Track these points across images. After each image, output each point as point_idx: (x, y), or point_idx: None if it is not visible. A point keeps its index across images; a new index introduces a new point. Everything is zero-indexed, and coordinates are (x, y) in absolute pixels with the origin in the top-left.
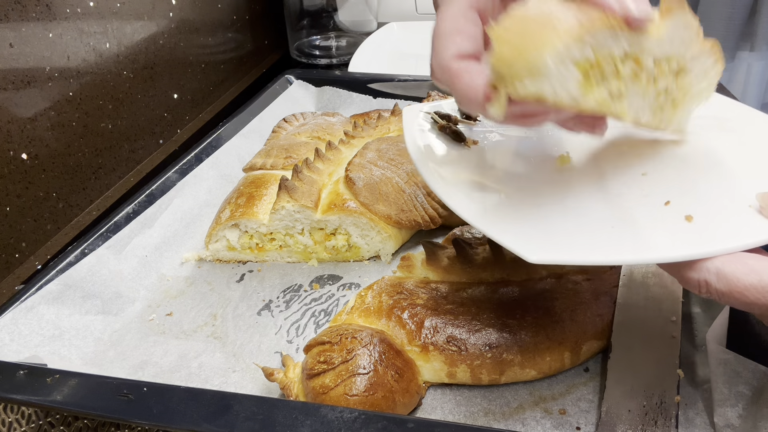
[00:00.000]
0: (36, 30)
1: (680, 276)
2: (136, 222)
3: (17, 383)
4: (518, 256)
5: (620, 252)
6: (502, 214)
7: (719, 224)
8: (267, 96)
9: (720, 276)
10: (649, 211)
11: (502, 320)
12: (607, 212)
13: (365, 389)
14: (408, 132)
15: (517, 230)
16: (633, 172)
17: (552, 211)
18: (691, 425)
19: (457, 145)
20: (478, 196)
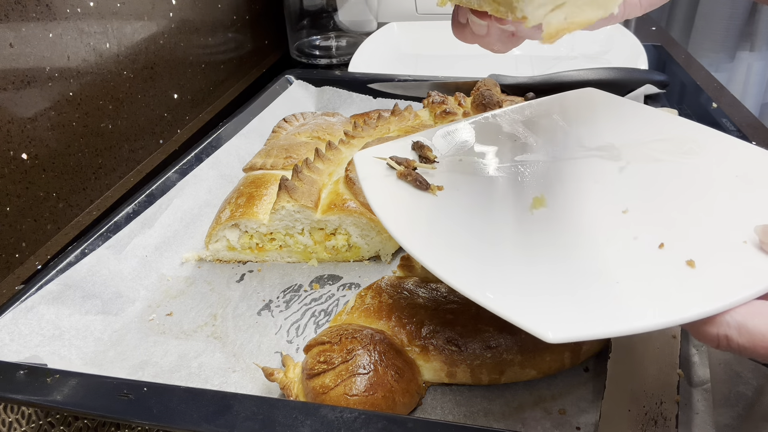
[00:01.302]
0: (36, 30)
1: (696, 330)
2: (136, 222)
3: (17, 383)
4: (533, 334)
5: (641, 317)
6: (498, 280)
7: (724, 268)
8: (267, 96)
9: (742, 330)
10: (646, 258)
11: (502, 320)
12: (605, 266)
13: (365, 389)
14: (365, 184)
15: (521, 301)
16: (613, 210)
17: (550, 271)
18: (691, 425)
19: (421, 193)
20: (465, 261)
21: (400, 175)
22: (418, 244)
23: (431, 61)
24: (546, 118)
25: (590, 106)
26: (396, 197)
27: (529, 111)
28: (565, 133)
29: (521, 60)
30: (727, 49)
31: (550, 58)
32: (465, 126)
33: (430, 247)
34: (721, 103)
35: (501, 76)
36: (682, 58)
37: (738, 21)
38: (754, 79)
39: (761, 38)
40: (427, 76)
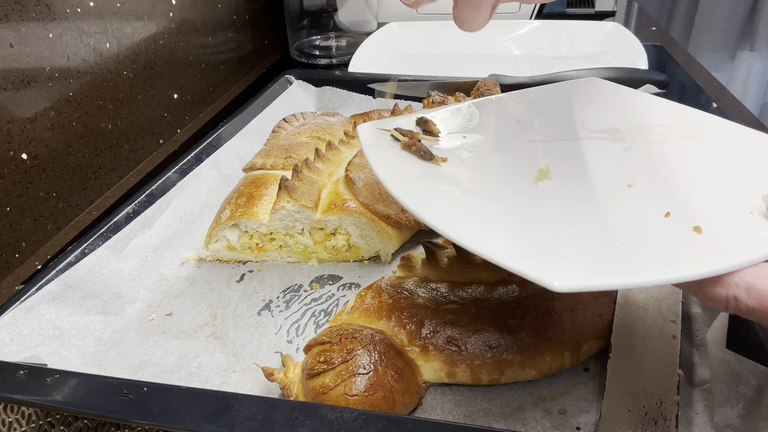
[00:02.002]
0: (36, 30)
1: (704, 293)
2: (136, 222)
3: (17, 383)
4: (540, 284)
5: (644, 272)
6: (504, 238)
7: (732, 234)
8: (267, 96)
9: (751, 291)
10: (653, 224)
11: (502, 320)
12: (611, 230)
13: (365, 389)
14: (369, 153)
15: (527, 256)
16: (618, 184)
17: (553, 232)
18: (691, 425)
19: (425, 163)
20: (470, 220)
21: (404, 146)
22: (422, 205)
23: (431, 61)
24: (550, 102)
25: (594, 93)
26: (400, 166)
27: (533, 95)
28: (569, 116)
29: (521, 60)
30: (727, 49)
31: (550, 58)
32: (469, 106)
33: (435, 208)
34: (721, 103)
35: (501, 76)
36: (682, 58)
37: (738, 21)
38: (754, 79)
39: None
40: (427, 76)
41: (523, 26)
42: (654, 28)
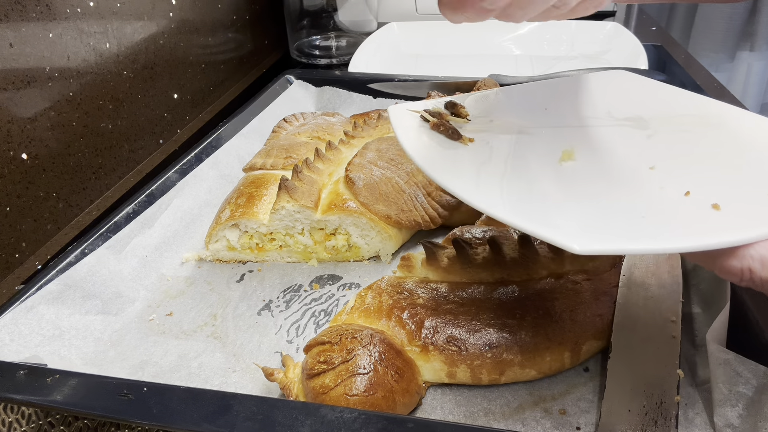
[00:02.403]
0: (36, 30)
1: (719, 265)
2: (136, 222)
3: (17, 383)
4: (561, 247)
5: (662, 240)
6: (529, 208)
7: (750, 211)
8: (267, 96)
9: (765, 263)
10: (673, 201)
11: (502, 320)
12: (631, 203)
13: (365, 389)
14: (400, 132)
15: (550, 223)
16: (640, 167)
17: (577, 203)
18: (691, 425)
19: (453, 143)
20: (495, 191)
21: (433, 126)
22: (448, 177)
23: (431, 61)
24: (578, 91)
25: (620, 82)
26: (429, 144)
27: (562, 85)
28: (595, 105)
29: (521, 60)
30: (727, 49)
31: (549, 58)
32: (497, 92)
33: (461, 179)
34: None
35: (501, 76)
36: (682, 58)
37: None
38: (754, 79)
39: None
40: (427, 76)
41: (523, 26)
42: (654, 28)
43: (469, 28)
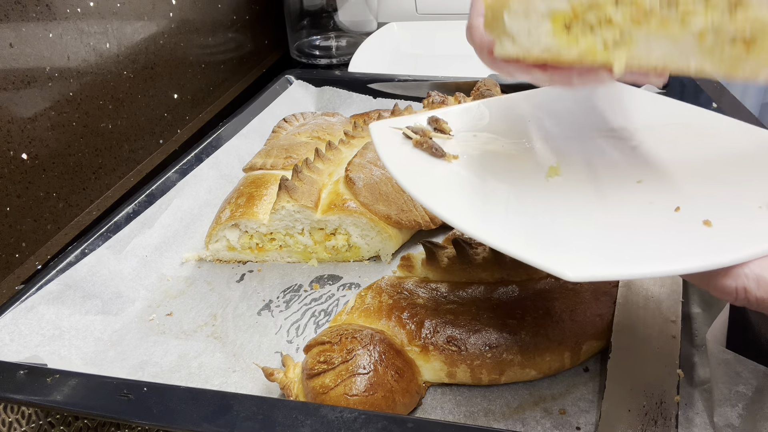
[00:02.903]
0: (36, 30)
1: (714, 284)
2: (136, 222)
3: (17, 383)
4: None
5: (656, 263)
6: (517, 231)
7: (742, 228)
8: (267, 96)
9: (760, 281)
10: (663, 218)
11: (502, 320)
12: (620, 222)
13: (365, 389)
14: (381, 150)
15: (539, 247)
16: (627, 180)
17: (565, 224)
18: (691, 425)
19: (436, 160)
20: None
21: (416, 144)
22: (434, 199)
23: (431, 61)
24: (559, 101)
25: (603, 92)
26: (412, 162)
27: (542, 95)
28: (578, 115)
29: None
30: None
31: None
32: (480, 105)
33: (447, 201)
34: (721, 103)
35: (501, 76)
36: None
37: None
38: None
39: None
40: (427, 76)
41: None
42: None
43: None
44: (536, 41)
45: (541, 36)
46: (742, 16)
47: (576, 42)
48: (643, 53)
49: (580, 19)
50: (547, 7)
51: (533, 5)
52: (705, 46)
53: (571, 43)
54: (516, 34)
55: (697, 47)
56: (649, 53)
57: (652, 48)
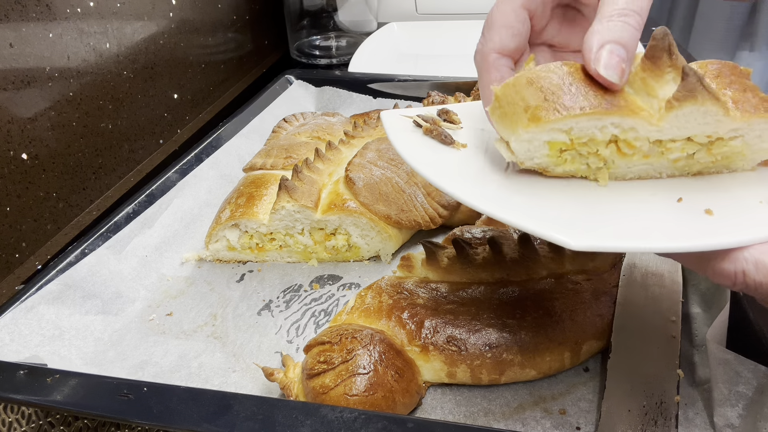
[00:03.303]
0: (36, 30)
1: (712, 268)
2: (136, 222)
3: (17, 383)
4: (557, 243)
5: (657, 239)
6: (525, 207)
7: (742, 216)
8: (267, 96)
9: (759, 265)
10: (665, 206)
11: (502, 320)
12: (623, 208)
13: (365, 389)
14: (393, 136)
15: (546, 220)
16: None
17: (569, 206)
18: (691, 425)
19: (446, 147)
20: (491, 191)
21: (426, 131)
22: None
23: (431, 61)
24: None
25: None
26: (422, 148)
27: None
28: None
29: None
30: (727, 49)
31: None
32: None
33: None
34: None
35: None
36: None
37: (738, 21)
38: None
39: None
40: (427, 76)
41: None
42: (654, 28)
43: (469, 28)
44: (531, 158)
45: (537, 155)
46: (717, 149)
47: (564, 163)
48: (621, 172)
49: (574, 149)
50: (550, 138)
51: (538, 136)
52: (678, 164)
53: (559, 163)
54: (515, 150)
55: (670, 165)
56: (627, 172)
57: (630, 169)
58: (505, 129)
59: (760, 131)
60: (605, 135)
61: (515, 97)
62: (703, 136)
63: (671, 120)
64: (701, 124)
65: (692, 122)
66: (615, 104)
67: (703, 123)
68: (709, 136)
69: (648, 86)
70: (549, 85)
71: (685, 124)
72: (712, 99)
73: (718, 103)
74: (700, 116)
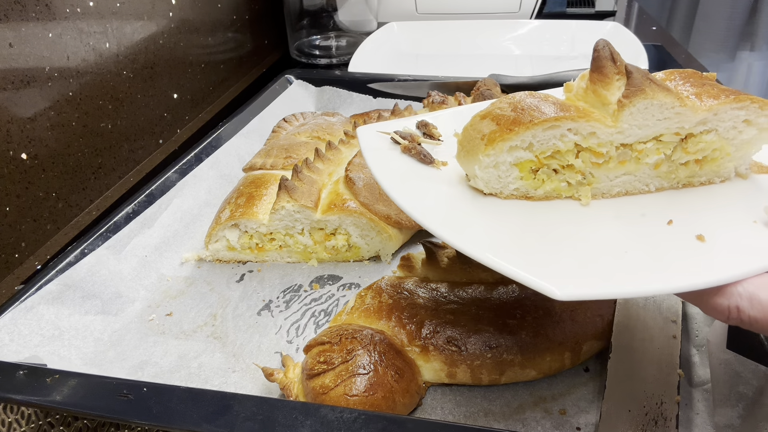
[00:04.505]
0: (36, 30)
1: (706, 302)
2: (136, 222)
3: (17, 383)
4: (544, 293)
5: (646, 282)
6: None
7: (734, 243)
8: (267, 96)
9: (753, 301)
10: (656, 231)
11: (502, 320)
12: (612, 236)
13: (365, 389)
14: (368, 155)
15: (528, 263)
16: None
17: (555, 239)
18: (691, 425)
19: (425, 167)
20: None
21: (404, 149)
22: (419, 208)
23: (431, 61)
24: None
25: None
26: (399, 169)
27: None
28: None
29: (521, 60)
30: (727, 49)
31: (550, 58)
32: (470, 109)
33: (432, 211)
34: None
35: (501, 76)
36: (683, 58)
37: (738, 21)
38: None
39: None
40: (427, 76)
41: (523, 26)
42: (654, 27)
43: (469, 28)
44: (506, 185)
45: (510, 180)
46: (693, 147)
47: (543, 183)
48: (606, 186)
49: (544, 165)
50: (514, 158)
51: (501, 158)
52: (661, 172)
53: (538, 185)
54: (487, 180)
55: (654, 174)
56: (612, 185)
57: (613, 181)
58: (470, 164)
59: (731, 120)
60: (567, 144)
61: (473, 134)
62: (670, 134)
63: (627, 119)
64: (661, 120)
65: (650, 118)
66: (567, 111)
67: (662, 118)
68: (677, 133)
69: (601, 96)
70: (500, 113)
71: (644, 122)
72: (663, 91)
73: (670, 94)
74: (656, 110)
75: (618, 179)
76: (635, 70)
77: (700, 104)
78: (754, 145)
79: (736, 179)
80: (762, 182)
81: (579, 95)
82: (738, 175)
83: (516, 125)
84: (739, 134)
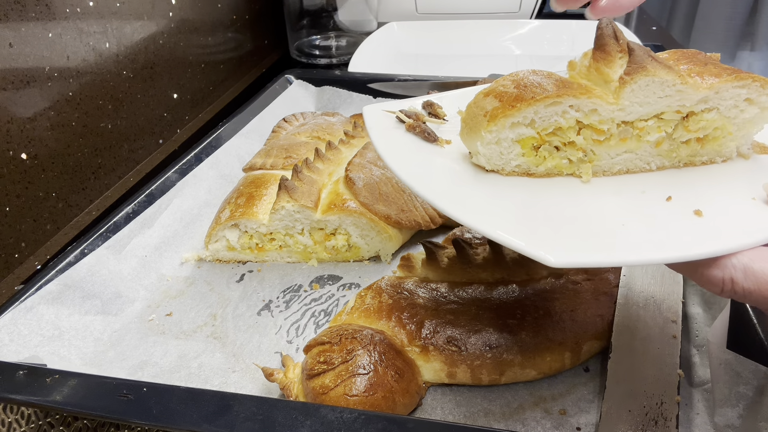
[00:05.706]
0: (36, 30)
1: (700, 274)
2: (136, 222)
3: (17, 383)
4: (535, 259)
5: (641, 251)
6: (502, 216)
7: (732, 218)
8: (267, 96)
9: (748, 273)
10: (654, 207)
11: (502, 320)
12: (610, 210)
13: (365, 389)
14: (373, 133)
15: (525, 233)
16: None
17: (553, 211)
18: (691, 425)
19: (429, 144)
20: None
21: (408, 128)
22: (422, 183)
23: (431, 61)
24: None
25: None
26: (404, 147)
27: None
28: None
29: (521, 59)
30: (727, 49)
31: (550, 58)
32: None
33: (435, 185)
34: None
35: (501, 76)
36: None
37: (738, 21)
38: None
39: (761, 38)
40: (427, 76)
41: (523, 26)
42: (654, 27)
43: (469, 27)
44: (508, 161)
45: (512, 157)
46: (694, 125)
47: (544, 160)
48: (607, 164)
49: (546, 142)
50: (516, 135)
51: (503, 135)
52: (662, 150)
53: (539, 162)
54: (489, 156)
55: (655, 152)
56: (613, 163)
57: (614, 159)
58: (472, 141)
59: (732, 98)
60: (569, 121)
61: (476, 111)
62: (671, 111)
63: (628, 96)
64: (662, 97)
65: (651, 96)
66: (569, 88)
67: (663, 95)
68: (678, 111)
69: (603, 74)
70: (503, 90)
71: (645, 99)
72: (664, 68)
73: (671, 71)
74: (658, 88)
75: (619, 157)
76: (637, 48)
77: (701, 82)
78: (756, 124)
79: (738, 159)
80: (764, 162)
81: (582, 73)
82: (740, 154)
83: (518, 101)
84: (741, 113)
